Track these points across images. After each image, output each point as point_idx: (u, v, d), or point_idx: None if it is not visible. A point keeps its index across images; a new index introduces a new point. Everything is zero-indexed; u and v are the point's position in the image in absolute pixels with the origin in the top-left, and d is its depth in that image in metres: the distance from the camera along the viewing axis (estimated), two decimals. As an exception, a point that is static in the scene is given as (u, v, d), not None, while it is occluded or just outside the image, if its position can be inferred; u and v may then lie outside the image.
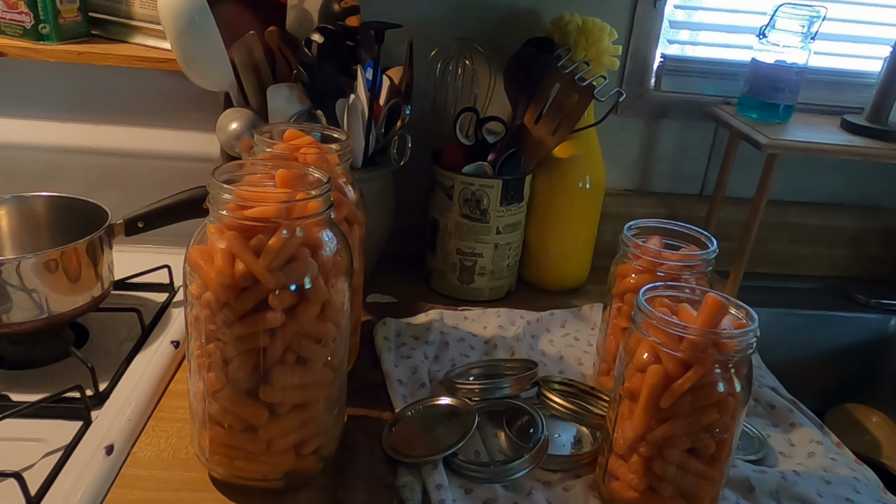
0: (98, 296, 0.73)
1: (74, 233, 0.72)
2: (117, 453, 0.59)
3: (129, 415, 0.63)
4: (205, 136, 0.92)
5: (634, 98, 1.05)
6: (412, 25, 0.89)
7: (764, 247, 1.13)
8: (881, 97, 0.97)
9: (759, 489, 0.62)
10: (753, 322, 0.53)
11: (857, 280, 1.15)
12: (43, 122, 0.93)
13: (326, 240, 0.55)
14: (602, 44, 0.92)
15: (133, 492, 0.57)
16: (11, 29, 0.87)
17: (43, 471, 0.56)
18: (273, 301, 0.51)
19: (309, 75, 0.77)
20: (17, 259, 0.66)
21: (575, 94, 0.87)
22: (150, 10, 0.88)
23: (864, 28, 1.08)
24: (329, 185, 0.54)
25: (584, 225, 0.99)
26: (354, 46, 0.78)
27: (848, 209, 1.14)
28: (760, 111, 0.98)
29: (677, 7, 1.06)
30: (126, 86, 0.92)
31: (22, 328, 0.68)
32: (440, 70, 0.95)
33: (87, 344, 0.75)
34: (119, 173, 0.94)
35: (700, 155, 1.11)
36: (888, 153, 0.92)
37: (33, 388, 0.66)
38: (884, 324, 1.07)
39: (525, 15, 1.00)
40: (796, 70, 0.95)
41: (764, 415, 0.76)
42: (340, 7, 0.79)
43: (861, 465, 0.69)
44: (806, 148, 0.92)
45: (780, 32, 0.95)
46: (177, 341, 0.75)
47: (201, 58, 0.77)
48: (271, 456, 0.56)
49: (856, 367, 1.08)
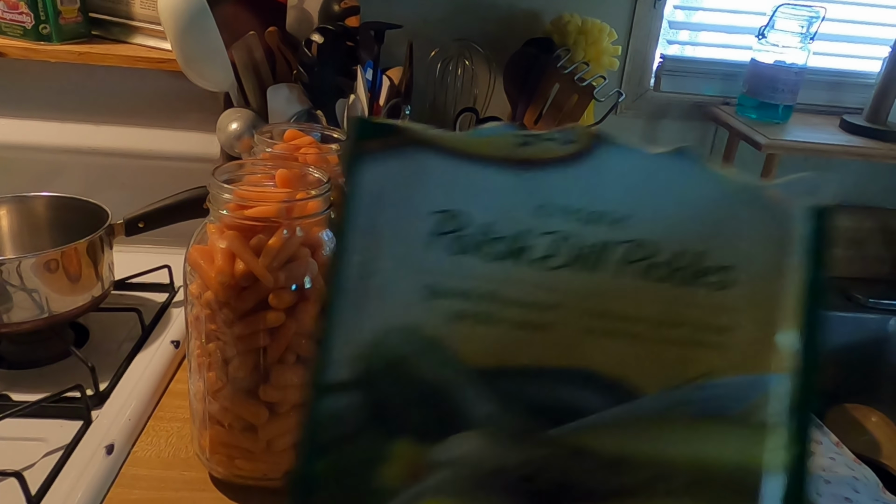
0: (98, 296, 0.73)
1: (74, 233, 0.72)
2: (117, 453, 0.59)
3: (130, 414, 0.64)
4: (205, 136, 0.92)
5: (634, 98, 1.05)
6: (412, 25, 0.89)
7: (763, 247, 1.13)
8: (880, 97, 0.97)
9: (759, 489, 0.63)
10: None
11: (856, 280, 1.16)
12: (43, 122, 0.93)
13: (326, 239, 0.55)
14: (602, 44, 0.92)
15: (133, 491, 0.57)
16: (12, 29, 0.87)
17: (43, 470, 0.56)
18: (273, 300, 0.51)
19: (309, 75, 0.77)
20: (17, 259, 0.66)
21: (574, 94, 0.87)
22: (151, 11, 0.88)
23: (864, 28, 1.08)
24: (329, 185, 0.54)
25: (584, 225, 0.99)
26: (354, 47, 0.79)
27: (847, 209, 1.14)
28: (760, 111, 0.98)
29: (677, 7, 1.06)
30: (126, 86, 0.92)
31: (22, 328, 0.68)
32: (440, 70, 0.96)
33: (87, 344, 0.75)
34: (119, 173, 0.94)
35: (699, 155, 1.11)
36: (887, 153, 0.93)
37: (33, 387, 0.66)
38: (883, 324, 1.08)
39: (525, 15, 1.00)
40: (795, 70, 0.96)
41: (763, 414, 0.76)
42: (340, 7, 0.79)
43: (860, 465, 0.69)
44: (805, 148, 0.92)
45: (779, 33, 0.95)
46: (177, 341, 0.75)
47: (201, 58, 0.77)
48: (272, 455, 0.56)
49: (855, 367, 1.08)
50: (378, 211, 0.34)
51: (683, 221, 0.34)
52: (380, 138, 0.35)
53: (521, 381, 0.34)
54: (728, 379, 0.33)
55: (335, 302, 0.34)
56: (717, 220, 0.34)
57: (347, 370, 0.33)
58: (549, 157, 0.34)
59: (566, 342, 0.33)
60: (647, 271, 0.34)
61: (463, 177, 0.34)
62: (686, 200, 0.34)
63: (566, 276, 0.34)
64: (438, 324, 0.34)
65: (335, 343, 0.33)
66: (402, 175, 0.35)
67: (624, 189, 0.34)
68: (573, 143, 0.34)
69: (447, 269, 0.34)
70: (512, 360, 0.34)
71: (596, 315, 0.34)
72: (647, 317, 0.33)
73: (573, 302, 0.34)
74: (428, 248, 0.34)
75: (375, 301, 0.34)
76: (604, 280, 0.34)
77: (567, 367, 0.33)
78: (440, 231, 0.34)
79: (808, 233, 0.34)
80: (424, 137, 0.35)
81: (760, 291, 0.33)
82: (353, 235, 0.34)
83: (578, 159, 0.34)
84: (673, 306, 0.33)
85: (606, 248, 0.34)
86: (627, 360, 0.33)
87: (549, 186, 0.34)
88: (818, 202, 0.34)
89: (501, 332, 0.34)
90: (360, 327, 0.34)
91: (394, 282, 0.34)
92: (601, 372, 0.33)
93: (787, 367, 0.33)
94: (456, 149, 0.35)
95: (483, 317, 0.34)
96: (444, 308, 0.34)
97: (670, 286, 0.34)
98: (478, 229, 0.34)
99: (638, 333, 0.33)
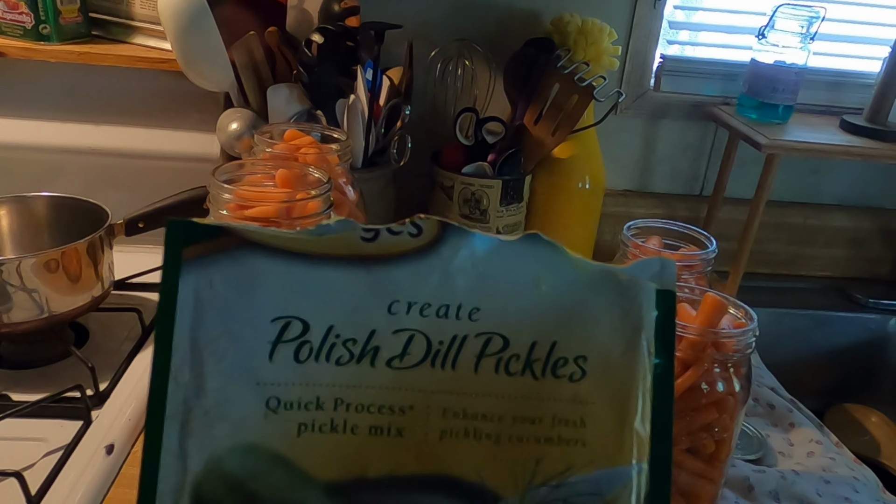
0: (98, 296, 0.73)
1: (74, 233, 0.72)
2: (118, 453, 0.59)
3: (130, 414, 0.64)
4: (205, 136, 0.92)
5: (634, 98, 1.05)
6: (412, 26, 0.89)
7: (763, 247, 1.13)
8: (880, 98, 0.97)
9: (759, 489, 0.63)
10: (752, 321, 0.53)
11: (856, 280, 1.16)
12: (43, 122, 0.93)
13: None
14: (602, 44, 0.92)
15: (133, 491, 0.56)
16: (12, 29, 0.87)
17: (43, 470, 0.56)
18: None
19: (309, 76, 0.77)
20: (17, 259, 0.66)
21: (574, 94, 0.87)
22: (150, 11, 0.88)
23: (864, 29, 1.08)
24: (329, 185, 0.54)
25: (584, 225, 1.00)
26: (354, 47, 0.79)
27: (847, 209, 1.14)
28: (760, 111, 0.98)
29: (677, 8, 1.06)
30: (126, 86, 0.92)
31: (22, 328, 0.68)
32: (440, 70, 0.96)
33: (87, 344, 0.75)
34: (119, 173, 0.94)
35: (699, 155, 1.11)
36: (887, 153, 0.93)
37: (33, 387, 0.66)
38: (883, 324, 1.08)
39: (525, 15, 1.00)
40: (795, 70, 0.96)
41: (763, 414, 0.76)
42: (340, 7, 0.79)
43: (860, 465, 0.69)
44: (805, 148, 0.92)
45: (779, 33, 0.95)
46: (177, 341, 0.75)
47: (201, 58, 0.77)
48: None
49: (855, 367, 1.08)
50: (207, 323, 0.31)
51: (536, 311, 0.33)
52: (204, 241, 0.32)
53: (375, 492, 0.31)
54: (586, 475, 0.32)
55: (162, 429, 0.31)
56: (569, 308, 0.33)
57: (180, 502, 0.31)
58: (396, 252, 0.32)
59: (422, 447, 0.32)
60: (502, 364, 0.32)
61: (304, 279, 0.32)
62: (538, 289, 0.33)
63: (419, 376, 0.32)
64: (283, 439, 0.31)
65: (164, 473, 0.31)
66: (232, 282, 0.32)
67: (475, 280, 0.33)
68: (420, 234, 0.33)
69: (291, 378, 0.31)
70: (365, 470, 0.31)
71: (451, 415, 0.32)
72: (503, 414, 0.32)
73: (427, 402, 0.32)
74: (268, 359, 0.31)
75: (209, 422, 0.31)
76: (458, 377, 0.32)
77: (423, 474, 0.31)
78: (282, 339, 0.31)
79: (655, 317, 0.33)
80: (256, 239, 0.32)
81: (613, 381, 0.33)
82: (179, 353, 0.31)
83: (426, 252, 0.33)
84: (529, 401, 0.32)
85: (460, 343, 0.32)
86: (485, 462, 0.32)
87: (398, 282, 0.32)
88: (664, 285, 0.33)
89: (353, 442, 0.31)
90: (193, 453, 0.31)
91: (230, 398, 0.31)
92: (459, 476, 0.31)
93: (643, 456, 0.32)
94: (294, 249, 0.32)
95: (333, 426, 0.31)
96: (290, 420, 0.31)
97: (525, 379, 0.32)
98: (324, 333, 0.32)
99: (495, 433, 0.32)
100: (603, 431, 0.32)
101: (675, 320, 0.33)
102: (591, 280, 0.33)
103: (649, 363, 0.33)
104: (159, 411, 0.31)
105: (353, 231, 0.33)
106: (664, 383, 0.33)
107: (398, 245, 0.33)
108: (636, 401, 0.32)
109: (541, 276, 0.33)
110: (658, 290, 0.33)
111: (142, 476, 0.31)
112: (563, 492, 0.32)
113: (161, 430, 0.31)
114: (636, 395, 0.32)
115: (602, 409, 0.32)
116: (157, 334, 0.31)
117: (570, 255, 0.33)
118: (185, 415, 0.31)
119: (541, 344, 0.33)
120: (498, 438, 0.32)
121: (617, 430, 0.32)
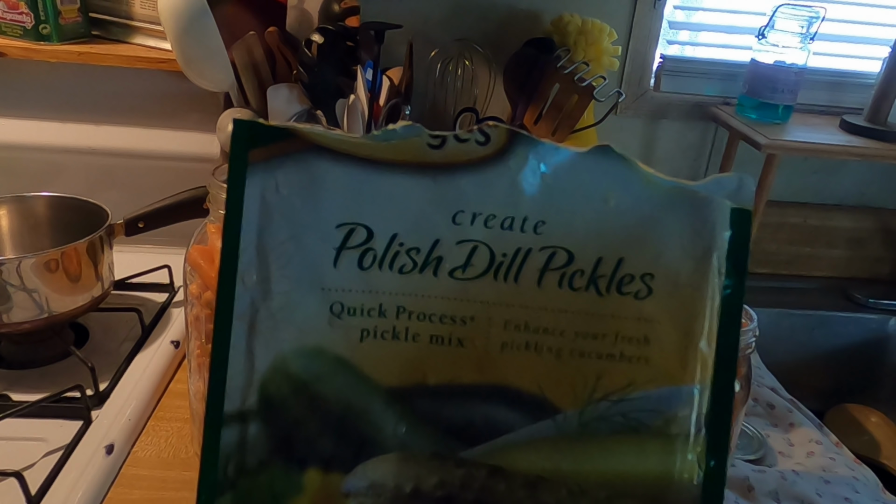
0: (98, 296, 0.73)
1: (74, 233, 0.72)
2: (117, 453, 0.59)
3: (130, 414, 0.64)
4: (205, 137, 0.92)
5: (634, 99, 1.06)
6: (412, 26, 0.89)
7: (763, 247, 1.13)
8: (880, 98, 0.97)
9: (758, 489, 0.63)
10: (752, 321, 0.53)
11: (856, 280, 1.16)
12: (43, 122, 0.93)
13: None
14: (602, 44, 0.92)
15: (133, 491, 0.57)
16: (12, 29, 0.87)
17: (43, 470, 0.56)
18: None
19: (309, 76, 0.77)
20: (17, 259, 0.66)
21: (574, 94, 0.87)
22: (150, 11, 0.88)
23: (864, 29, 1.08)
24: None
25: (584, 225, 0.99)
26: (354, 47, 0.79)
27: (847, 209, 1.14)
28: (760, 111, 0.98)
29: (677, 8, 1.06)
30: (126, 86, 0.92)
31: (22, 328, 0.68)
32: (440, 70, 0.96)
33: (87, 344, 0.75)
34: (119, 173, 0.94)
35: (699, 155, 1.11)
36: (887, 153, 0.93)
37: (33, 387, 0.66)
38: (883, 324, 1.08)
39: (525, 15, 1.00)
40: (795, 70, 0.96)
41: (763, 414, 0.76)
42: (340, 7, 0.79)
43: (860, 465, 0.69)
44: (805, 148, 0.92)
45: (779, 33, 0.95)
46: (177, 341, 0.75)
47: (201, 58, 0.77)
48: (271, 455, 0.56)
49: (855, 367, 1.08)
50: (273, 227, 0.31)
51: (604, 226, 0.32)
52: (269, 144, 0.31)
53: (435, 399, 0.31)
54: (647, 392, 0.31)
55: (230, 328, 0.31)
56: (638, 225, 0.32)
57: (248, 399, 0.31)
58: (463, 161, 0.32)
59: (482, 357, 0.32)
60: (565, 279, 0.32)
61: (369, 185, 0.31)
62: (607, 205, 0.32)
63: (482, 287, 0.32)
64: (346, 344, 0.31)
65: (233, 371, 0.31)
66: (298, 186, 0.31)
67: (542, 192, 0.32)
68: (488, 143, 0.32)
69: (355, 285, 0.31)
70: (426, 377, 0.31)
71: (512, 328, 0.32)
72: (565, 329, 0.32)
73: (489, 314, 0.32)
74: (333, 265, 0.31)
75: (275, 324, 0.31)
76: (521, 290, 0.32)
77: (483, 384, 0.31)
78: (346, 245, 0.31)
79: (728, 236, 0.32)
80: (322, 142, 0.31)
81: (680, 301, 0.32)
82: (246, 255, 0.31)
83: (494, 161, 0.32)
84: (592, 317, 0.32)
85: (524, 256, 0.32)
86: (545, 375, 0.31)
87: (464, 192, 0.32)
88: (741, 204, 0.32)
89: (414, 349, 0.31)
90: (260, 353, 0.31)
91: (295, 303, 0.31)
92: (519, 387, 0.31)
93: (705, 378, 0.31)
94: (360, 155, 0.31)
95: (395, 334, 0.31)
96: (353, 326, 0.31)
97: (589, 295, 0.32)
98: (388, 241, 0.31)
99: (556, 347, 0.32)
100: (667, 350, 0.32)
101: (750, 241, 0.32)
102: (663, 197, 0.32)
103: (719, 284, 0.32)
104: (227, 310, 0.31)
105: (419, 137, 0.32)
106: (733, 306, 0.32)
107: (465, 153, 0.32)
108: (703, 322, 0.32)
109: (610, 190, 0.32)
110: (733, 209, 0.32)
111: (210, 374, 0.31)
112: (623, 407, 0.31)
113: (229, 328, 0.31)
114: (703, 316, 0.32)
115: (667, 328, 0.32)
116: (224, 235, 0.31)
117: (642, 170, 0.32)
118: (251, 316, 0.31)
119: (607, 260, 0.32)
120: (559, 353, 0.32)
121: (681, 350, 0.32)
